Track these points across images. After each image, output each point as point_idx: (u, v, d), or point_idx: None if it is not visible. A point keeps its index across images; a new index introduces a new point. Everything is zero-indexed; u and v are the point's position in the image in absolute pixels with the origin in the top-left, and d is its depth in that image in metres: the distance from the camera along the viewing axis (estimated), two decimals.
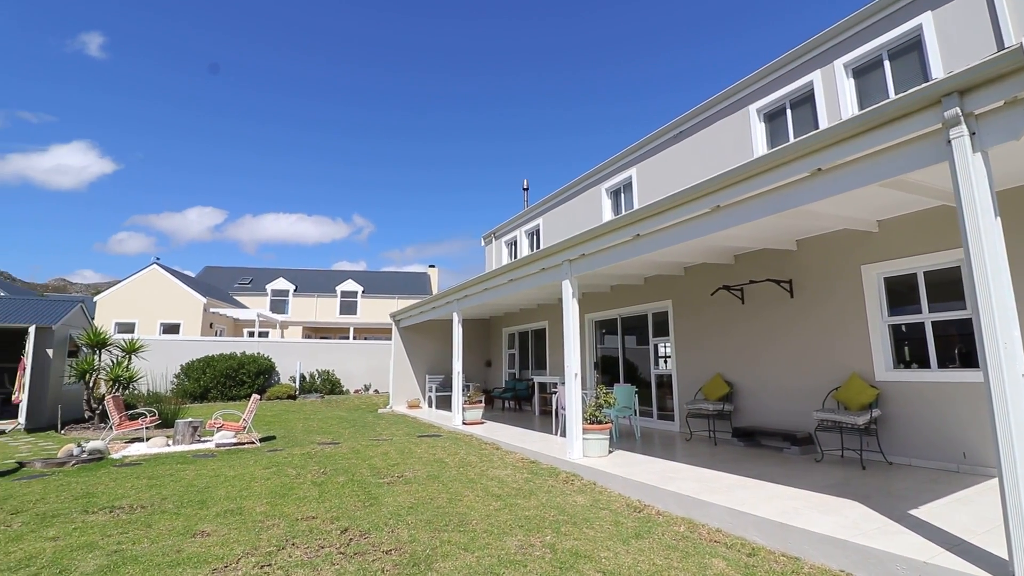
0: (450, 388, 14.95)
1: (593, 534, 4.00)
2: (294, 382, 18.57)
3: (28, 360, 10.77)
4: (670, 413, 9.42)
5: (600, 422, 6.54)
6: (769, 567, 3.42)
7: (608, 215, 13.54)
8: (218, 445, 8.27)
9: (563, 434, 8.24)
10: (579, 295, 7.01)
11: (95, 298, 25.59)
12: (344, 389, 19.58)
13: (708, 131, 10.55)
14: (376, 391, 19.83)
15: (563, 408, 8.13)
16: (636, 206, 12.15)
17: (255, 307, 31.78)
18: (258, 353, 18.11)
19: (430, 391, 15.12)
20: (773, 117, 9.49)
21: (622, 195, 13.30)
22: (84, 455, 7.14)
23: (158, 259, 27.02)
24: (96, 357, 11.77)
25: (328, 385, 19.08)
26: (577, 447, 6.47)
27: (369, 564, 3.45)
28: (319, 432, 10.07)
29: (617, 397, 7.26)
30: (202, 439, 8.77)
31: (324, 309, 35.57)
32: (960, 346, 5.82)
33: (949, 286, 5.88)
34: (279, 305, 34.80)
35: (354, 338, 29.57)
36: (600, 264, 6.35)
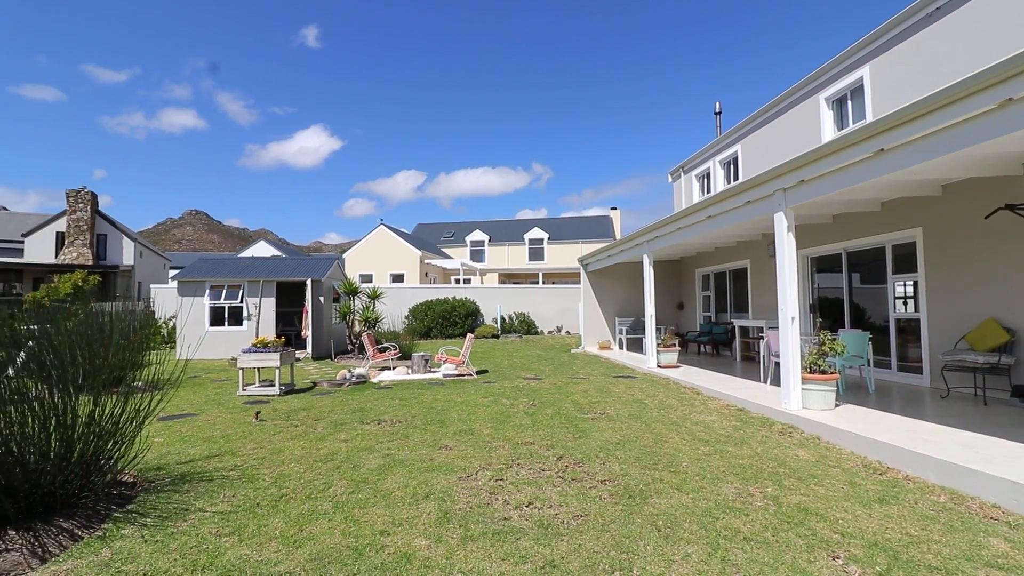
0: (640, 330, 14.86)
1: (824, 492, 3.68)
2: (496, 323, 20.55)
3: (308, 305, 13.98)
4: (915, 364, 7.90)
5: (823, 371, 5.82)
6: None
7: (829, 129, 11.39)
8: (445, 375, 9.74)
9: (773, 382, 7.59)
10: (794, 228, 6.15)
11: (343, 255, 31.60)
12: (539, 330, 20.96)
13: None
14: (567, 332, 20.78)
15: (774, 355, 7.45)
16: (870, 115, 9.99)
17: (458, 257, 35.60)
18: (465, 297, 20.41)
19: (620, 333, 15.26)
20: None
21: (848, 103, 11.00)
22: (354, 379, 9.13)
23: (382, 220, 31.91)
24: (351, 302, 14.73)
25: (524, 326, 20.64)
26: (795, 398, 5.90)
27: (587, 491, 3.76)
28: (522, 368, 11.07)
29: (846, 344, 6.33)
30: (432, 370, 10.41)
31: (515, 256, 38.04)
32: None
33: None
34: (477, 254, 38.33)
35: (542, 283, 31.16)
36: (826, 190, 5.43)
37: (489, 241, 38.56)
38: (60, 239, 29.79)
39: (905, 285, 8.22)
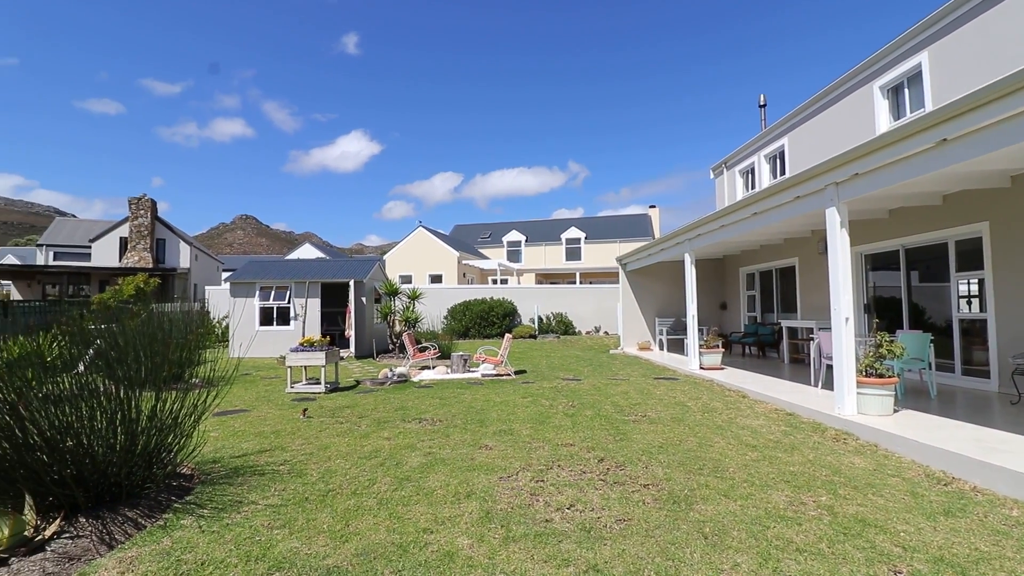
0: (681, 331, 14.52)
1: (883, 503, 3.49)
2: (533, 323, 20.54)
3: (351, 306, 14.36)
4: (982, 368, 7.39)
5: (880, 375, 5.52)
6: None
7: (884, 120, 10.81)
8: (484, 375, 9.80)
9: (825, 386, 7.27)
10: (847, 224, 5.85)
11: (384, 256, 32.30)
12: (577, 330, 20.81)
13: None
14: (605, 332, 20.54)
15: (826, 357, 7.14)
16: (929, 103, 9.43)
17: (495, 258, 35.79)
18: (502, 298, 20.50)
19: (660, 334, 14.96)
20: None
21: (905, 91, 10.41)
22: (395, 378, 9.31)
23: (421, 222, 32.45)
24: (392, 303, 15.05)
25: (562, 326, 20.54)
26: (849, 402, 5.62)
27: (630, 494, 3.70)
28: (560, 368, 11.01)
29: (905, 346, 5.99)
30: (470, 369, 10.50)
31: (551, 256, 37.91)
32: None
33: None
34: (514, 255, 38.43)
35: (580, 283, 30.90)
36: (882, 184, 5.15)
37: (526, 241, 38.57)
38: (123, 244, 31.73)
39: (970, 283, 7.71)
